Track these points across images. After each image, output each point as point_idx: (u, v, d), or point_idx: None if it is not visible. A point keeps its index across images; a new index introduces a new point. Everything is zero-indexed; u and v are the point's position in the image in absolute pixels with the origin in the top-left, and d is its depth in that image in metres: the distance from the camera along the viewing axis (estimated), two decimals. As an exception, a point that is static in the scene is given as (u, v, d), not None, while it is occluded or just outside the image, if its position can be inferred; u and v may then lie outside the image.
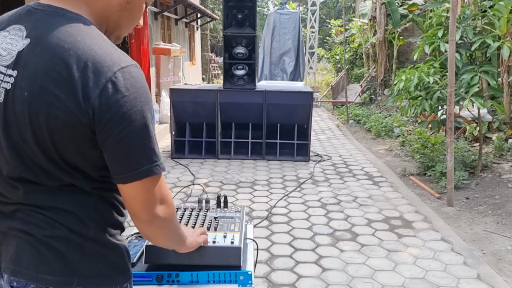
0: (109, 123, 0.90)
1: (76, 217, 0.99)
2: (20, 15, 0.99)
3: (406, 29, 11.46)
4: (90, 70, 0.89)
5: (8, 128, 0.94)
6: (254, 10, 5.73)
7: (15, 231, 0.99)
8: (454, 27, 4.22)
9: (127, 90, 0.91)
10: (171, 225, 1.10)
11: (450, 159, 4.31)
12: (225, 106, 6.00)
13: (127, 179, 0.95)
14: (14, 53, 0.93)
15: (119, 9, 1.04)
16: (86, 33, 0.94)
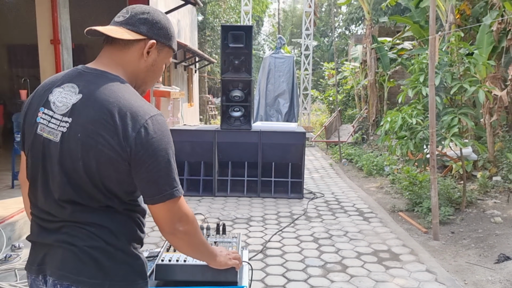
0: (142, 158, 1.21)
1: (111, 232, 1.28)
2: (72, 75, 1.31)
3: (396, 71, 12.00)
4: (129, 118, 1.21)
5: (63, 161, 1.23)
6: (250, 57, 6.15)
7: (61, 243, 1.26)
8: (433, 73, 4.61)
9: (155, 133, 1.22)
10: (193, 239, 1.38)
11: (434, 195, 4.58)
12: (222, 146, 6.31)
13: (154, 201, 1.26)
14: (69, 105, 1.25)
15: (146, 70, 1.38)
16: (124, 90, 1.27)
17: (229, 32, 6.08)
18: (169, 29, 1.39)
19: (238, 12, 19.16)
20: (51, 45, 4.87)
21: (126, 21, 1.32)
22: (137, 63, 1.34)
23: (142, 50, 1.33)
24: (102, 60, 1.33)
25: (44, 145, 1.26)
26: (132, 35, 1.30)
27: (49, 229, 1.29)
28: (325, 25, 32.06)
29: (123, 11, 1.36)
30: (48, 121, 1.26)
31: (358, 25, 25.59)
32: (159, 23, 1.35)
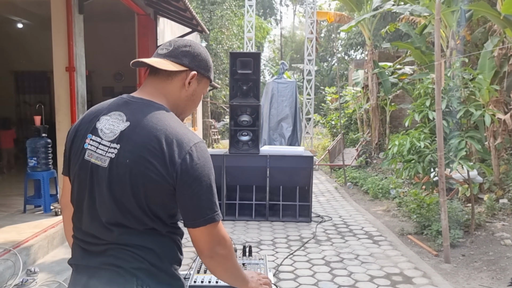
0: (187, 182, 1.27)
1: (155, 254, 1.33)
2: (118, 104, 1.39)
3: (397, 96, 12.18)
4: (175, 144, 1.28)
5: (112, 185, 1.29)
6: (257, 82, 6.28)
7: (107, 265, 1.31)
8: (439, 97, 4.72)
9: (199, 159, 1.29)
10: (229, 263, 1.41)
11: (444, 217, 4.62)
12: (231, 170, 6.36)
13: (196, 224, 1.30)
14: (117, 132, 1.31)
15: (186, 100, 1.46)
16: (170, 118, 1.35)
17: (238, 59, 6.23)
18: (208, 61, 1.48)
19: (240, 39, 19.54)
20: (66, 72, 4.99)
21: (170, 54, 1.40)
22: (179, 93, 1.43)
23: (184, 81, 1.42)
24: (147, 90, 1.41)
25: (92, 171, 1.32)
26: (175, 67, 1.38)
27: (94, 252, 1.34)
28: (324, 50, 32.59)
29: (166, 44, 1.44)
30: (96, 147, 1.32)
31: (357, 50, 26.03)
32: (200, 55, 1.44)
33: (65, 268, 3.91)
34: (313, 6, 14.33)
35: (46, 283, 3.57)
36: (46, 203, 5.19)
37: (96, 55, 8.90)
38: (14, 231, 4.40)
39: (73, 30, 4.97)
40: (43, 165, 5.23)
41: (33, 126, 5.26)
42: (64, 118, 5.08)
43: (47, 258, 4.19)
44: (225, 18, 19.19)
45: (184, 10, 7.41)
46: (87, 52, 5.49)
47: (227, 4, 19.31)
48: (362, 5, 11.53)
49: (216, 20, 18.80)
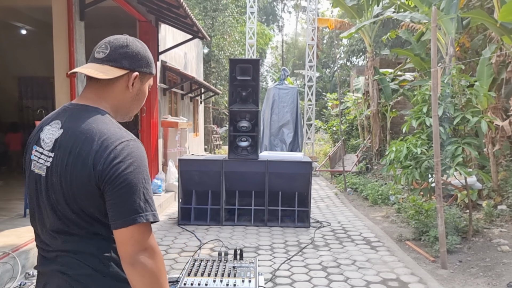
0: (108, 181, 1.24)
1: (98, 259, 1.31)
2: (58, 113, 1.40)
3: (398, 102, 12.22)
4: (99, 146, 1.26)
5: (49, 194, 1.31)
6: (257, 88, 6.34)
7: (56, 272, 1.33)
8: (436, 104, 4.75)
9: (124, 158, 1.25)
10: (154, 277, 1.25)
11: (441, 223, 4.64)
12: (230, 175, 6.40)
13: (117, 225, 1.24)
14: (53, 140, 1.32)
15: (131, 100, 1.45)
16: (100, 120, 1.32)
17: (237, 65, 6.29)
18: (148, 57, 1.46)
19: (242, 45, 19.65)
20: (66, 78, 5.06)
21: (108, 58, 1.37)
22: (123, 95, 1.42)
23: (126, 83, 1.40)
24: (86, 95, 1.40)
25: (36, 181, 1.34)
26: (116, 72, 1.37)
27: (47, 259, 1.36)
28: (326, 56, 32.70)
29: (102, 47, 1.40)
30: (39, 158, 1.34)
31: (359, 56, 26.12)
32: (139, 54, 1.42)
33: None
34: (315, 13, 14.43)
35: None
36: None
37: (98, 61, 8.98)
38: (13, 235, 4.45)
39: (74, 36, 5.05)
40: (44, 170, 5.28)
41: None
42: (64, 123, 5.14)
43: (46, 261, 4.24)
44: (227, 25, 19.33)
45: (184, 17, 7.49)
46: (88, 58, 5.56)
47: (229, 11, 19.45)
48: (363, 12, 11.61)
49: (218, 26, 18.93)
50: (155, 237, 5.45)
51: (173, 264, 4.68)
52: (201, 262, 2.14)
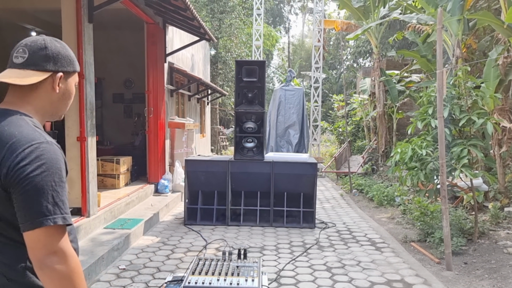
0: (13, 184, 1.21)
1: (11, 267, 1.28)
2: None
3: (404, 103, 12.20)
4: (7, 149, 1.23)
5: None
6: (263, 90, 6.38)
7: None
8: (441, 105, 4.76)
9: (31, 160, 1.21)
10: (65, 281, 1.21)
11: (446, 225, 4.65)
12: (236, 176, 6.45)
13: (24, 228, 1.21)
14: None
15: (59, 100, 1.42)
16: (14, 123, 1.28)
17: (243, 67, 6.34)
18: (69, 55, 1.43)
19: (249, 47, 19.71)
20: (75, 80, 5.13)
21: (28, 62, 1.34)
22: (50, 97, 1.39)
23: (51, 85, 1.37)
24: (9, 100, 1.37)
25: None
26: (39, 76, 1.34)
27: None
28: (333, 58, 32.68)
29: (20, 51, 1.36)
30: None
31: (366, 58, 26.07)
32: (59, 54, 1.39)
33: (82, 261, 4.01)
34: (321, 14, 14.45)
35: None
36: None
37: (106, 62, 9.10)
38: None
39: (82, 38, 5.12)
40: (52, 170, 5.35)
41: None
42: (73, 124, 5.22)
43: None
44: (234, 27, 19.40)
45: (191, 19, 7.56)
46: (97, 60, 5.64)
47: (236, 13, 19.52)
48: (369, 14, 11.60)
49: (225, 28, 19.01)
50: (162, 236, 5.51)
51: (179, 263, 4.73)
52: (205, 261, 2.18)
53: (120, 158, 7.44)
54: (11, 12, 7.86)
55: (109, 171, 7.37)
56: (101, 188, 6.51)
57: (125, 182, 7.63)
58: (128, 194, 6.87)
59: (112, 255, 4.73)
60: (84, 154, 5.26)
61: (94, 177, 5.54)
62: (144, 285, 4.09)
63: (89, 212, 5.34)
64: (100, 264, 4.39)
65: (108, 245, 4.80)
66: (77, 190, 5.29)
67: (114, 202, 6.29)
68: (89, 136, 5.31)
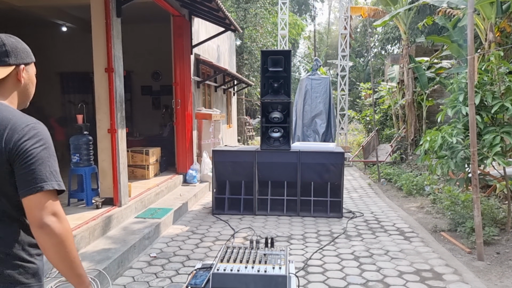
0: (16, 156, 1.39)
1: (4, 242, 1.43)
2: None
3: (434, 90, 11.89)
4: (9, 129, 1.40)
5: None
6: (288, 80, 6.37)
7: None
8: (472, 92, 4.63)
9: (31, 136, 1.41)
10: (62, 242, 1.39)
11: (477, 214, 4.55)
12: (262, 166, 6.49)
13: (25, 193, 1.38)
14: None
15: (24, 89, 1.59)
16: (3, 110, 1.45)
17: (269, 57, 6.33)
18: (25, 48, 1.58)
19: (274, 36, 19.61)
20: (105, 73, 5.26)
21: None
22: (16, 88, 1.56)
23: (16, 77, 1.54)
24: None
25: None
26: (5, 71, 1.50)
27: None
28: (360, 45, 32.10)
29: None
30: None
31: (394, 44, 25.49)
32: (17, 48, 1.54)
33: (105, 257, 4.17)
34: (348, 1, 14.20)
35: (88, 271, 3.82)
36: (88, 197, 5.50)
37: (135, 55, 9.27)
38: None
39: (111, 32, 5.23)
40: (85, 161, 5.54)
41: (75, 124, 5.58)
42: (103, 116, 5.37)
43: (89, 248, 4.47)
44: (259, 16, 19.30)
45: (217, 10, 7.58)
46: (126, 53, 5.76)
47: (261, 2, 19.41)
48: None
49: (250, 18, 18.94)
50: (191, 225, 5.64)
51: (207, 251, 4.83)
52: (233, 250, 2.23)
53: (149, 149, 7.61)
54: (44, 9, 8.10)
55: (139, 162, 7.55)
56: (131, 178, 6.68)
57: (154, 173, 7.80)
58: (157, 185, 7.03)
59: (143, 243, 4.88)
60: (115, 145, 5.40)
61: (125, 168, 5.69)
62: (174, 273, 4.21)
63: (121, 202, 5.51)
64: (132, 252, 4.54)
65: (140, 233, 4.95)
66: (108, 180, 5.46)
67: (144, 192, 6.45)
68: (119, 128, 5.45)
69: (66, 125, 10.17)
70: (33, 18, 8.79)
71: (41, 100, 9.18)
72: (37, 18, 8.75)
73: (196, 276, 2.14)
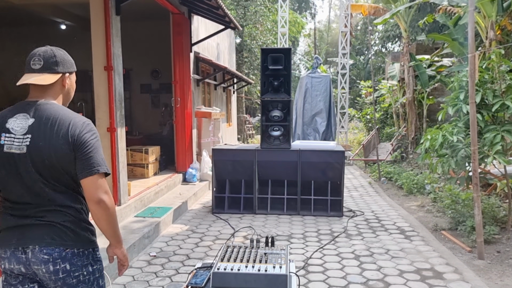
0: (79, 145, 1.81)
1: (74, 209, 1.88)
2: (21, 107, 1.87)
3: (435, 88, 11.86)
4: (72, 125, 1.81)
5: (34, 163, 1.80)
6: (288, 78, 6.34)
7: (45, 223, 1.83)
8: (473, 90, 4.61)
9: (88, 131, 1.84)
10: (111, 213, 1.86)
11: (478, 213, 4.53)
12: (262, 164, 6.48)
13: (85, 175, 1.80)
14: (26, 127, 1.81)
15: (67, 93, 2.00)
16: (61, 109, 1.87)
17: (269, 55, 6.31)
18: (70, 59, 1.98)
19: (274, 34, 19.56)
20: (104, 71, 5.24)
21: (44, 68, 1.87)
22: (61, 91, 1.95)
23: (61, 83, 1.94)
24: (36, 94, 1.90)
25: (10, 158, 1.81)
26: (53, 78, 1.89)
27: (25, 215, 1.83)
28: (361, 43, 32.04)
29: (36, 60, 1.88)
30: (12, 141, 1.81)
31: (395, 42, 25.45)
32: (64, 60, 1.94)
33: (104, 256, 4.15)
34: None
35: (87, 270, 3.82)
36: (88, 195, 5.48)
37: (134, 53, 9.23)
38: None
39: (110, 31, 5.20)
40: (85, 160, 5.51)
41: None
42: (103, 114, 5.34)
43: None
44: (259, 14, 19.25)
45: (216, 8, 7.55)
46: (125, 51, 5.73)
47: (261, 0, 19.36)
48: (398, -3, 11.28)
49: (250, 16, 18.90)
50: (191, 224, 5.65)
51: (207, 251, 4.82)
52: (233, 249, 2.21)
53: (149, 148, 7.59)
54: (42, 7, 8.06)
55: (138, 161, 7.54)
56: (130, 177, 6.67)
57: (154, 172, 7.79)
58: (157, 183, 7.01)
59: (143, 242, 4.86)
60: (114, 144, 5.39)
61: (124, 167, 5.68)
62: (174, 272, 4.19)
63: (120, 201, 5.49)
64: (131, 251, 4.53)
65: (139, 233, 4.93)
66: (108, 179, 5.42)
67: (143, 191, 6.44)
68: (118, 126, 5.43)
69: None
70: (31, 16, 8.76)
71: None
72: (35, 16, 8.71)
73: (197, 275, 2.12)
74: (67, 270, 1.82)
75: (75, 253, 1.84)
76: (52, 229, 1.81)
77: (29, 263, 1.81)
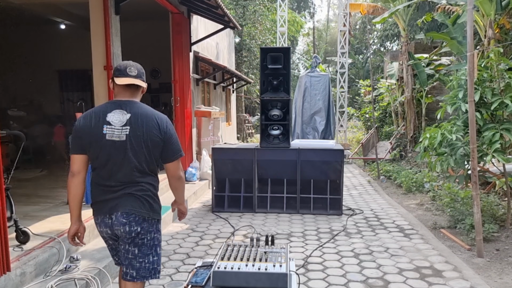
0: (167, 138, 2.45)
1: (153, 186, 2.49)
2: (117, 104, 2.40)
3: (433, 87, 11.88)
4: (160, 120, 2.44)
5: (132, 149, 2.37)
6: (288, 77, 6.35)
7: (128, 195, 2.39)
8: (472, 89, 4.63)
9: (170, 126, 2.49)
10: (184, 185, 2.66)
11: (477, 211, 4.55)
12: (262, 163, 6.49)
13: (171, 159, 2.49)
14: (125, 120, 2.36)
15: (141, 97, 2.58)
16: (149, 108, 2.48)
17: (268, 54, 6.32)
18: (144, 72, 2.51)
19: (273, 33, 19.57)
20: (104, 71, 5.25)
21: (138, 75, 2.43)
22: (141, 95, 2.55)
23: (142, 89, 2.52)
24: (127, 95, 2.44)
25: (111, 145, 2.34)
26: (144, 84, 2.49)
27: (114, 190, 2.37)
28: (359, 42, 32.05)
29: (131, 69, 2.41)
30: (113, 131, 2.34)
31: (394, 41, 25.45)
32: (144, 73, 2.49)
33: (105, 255, 4.17)
34: (347, -2, 14.17)
35: (88, 269, 3.82)
36: (88, 195, 5.47)
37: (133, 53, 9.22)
38: (58, 221, 4.71)
39: (110, 30, 5.21)
40: (84, 159, 5.51)
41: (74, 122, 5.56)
42: (103, 114, 5.34)
43: (89, 246, 4.47)
44: (258, 13, 19.25)
45: (216, 8, 7.56)
46: (124, 51, 5.74)
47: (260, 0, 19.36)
48: (396, -4, 11.30)
49: (249, 15, 18.90)
50: (191, 223, 5.65)
51: (207, 249, 4.83)
52: (234, 247, 2.23)
53: (148, 147, 7.58)
54: (42, 6, 8.07)
55: (138, 160, 7.52)
56: (131, 176, 6.65)
57: (154, 171, 7.78)
58: (157, 182, 7.00)
59: (143, 241, 4.86)
60: (114, 143, 5.39)
61: (124, 166, 5.68)
62: (174, 271, 4.21)
63: (120, 200, 5.49)
64: (132, 250, 4.53)
65: (139, 231, 4.93)
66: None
67: (144, 190, 6.43)
68: (118, 126, 5.43)
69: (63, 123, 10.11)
70: (31, 16, 8.76)
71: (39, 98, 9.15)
72: (35, 16, 8.71)
73: (197, 274, 2.14)
74: (138, 232, 2.37)
75: (145, 219, 2.39)
76: (134, 200, 2.36)
77: (112, 225, 2.37)
